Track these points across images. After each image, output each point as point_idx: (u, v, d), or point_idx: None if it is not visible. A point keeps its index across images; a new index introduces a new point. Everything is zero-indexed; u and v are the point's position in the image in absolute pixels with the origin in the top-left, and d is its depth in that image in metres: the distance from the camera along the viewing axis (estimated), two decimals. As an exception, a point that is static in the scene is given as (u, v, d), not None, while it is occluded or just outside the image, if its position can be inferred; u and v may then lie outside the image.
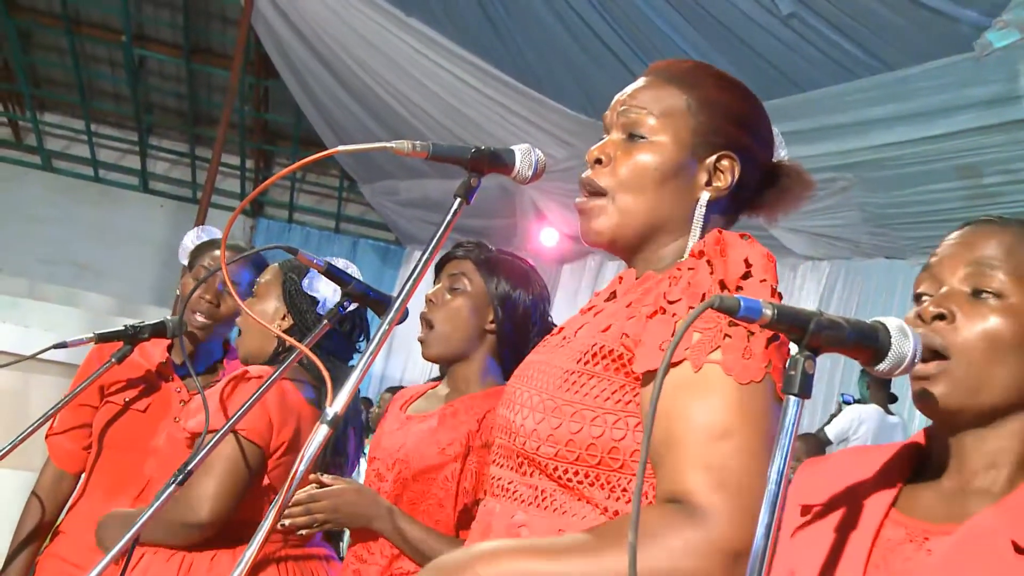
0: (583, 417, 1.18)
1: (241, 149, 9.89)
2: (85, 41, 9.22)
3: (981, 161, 4.95)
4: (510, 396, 1.29)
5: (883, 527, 1.08)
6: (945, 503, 1.08)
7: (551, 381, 1.22)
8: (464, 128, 6.92)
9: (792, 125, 5.03)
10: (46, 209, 9.87)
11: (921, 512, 1.08)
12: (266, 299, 2.28)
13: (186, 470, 1.63)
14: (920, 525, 1.06)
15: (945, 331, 1.09)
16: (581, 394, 1.19)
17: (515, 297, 2.06)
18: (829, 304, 6.52)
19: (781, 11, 4.81)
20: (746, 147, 1.31)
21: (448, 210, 1.30)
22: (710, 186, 1.29)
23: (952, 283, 1.12)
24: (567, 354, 1.25)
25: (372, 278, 9.99)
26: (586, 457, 1.17)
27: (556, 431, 1.18)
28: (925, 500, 1.10)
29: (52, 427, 2.57)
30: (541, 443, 1.19)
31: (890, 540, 1.07)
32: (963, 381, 1.07)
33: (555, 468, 1.19)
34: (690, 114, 1.30)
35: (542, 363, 1.27)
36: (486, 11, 6.05)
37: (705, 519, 1.04)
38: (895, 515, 1.09)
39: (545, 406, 1.21)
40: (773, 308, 0.91)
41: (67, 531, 2.49)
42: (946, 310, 1.09)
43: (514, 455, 1.25)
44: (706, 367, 1.10)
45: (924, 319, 1.10)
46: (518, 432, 1.23)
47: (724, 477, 1.06)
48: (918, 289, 1.16)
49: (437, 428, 1.96)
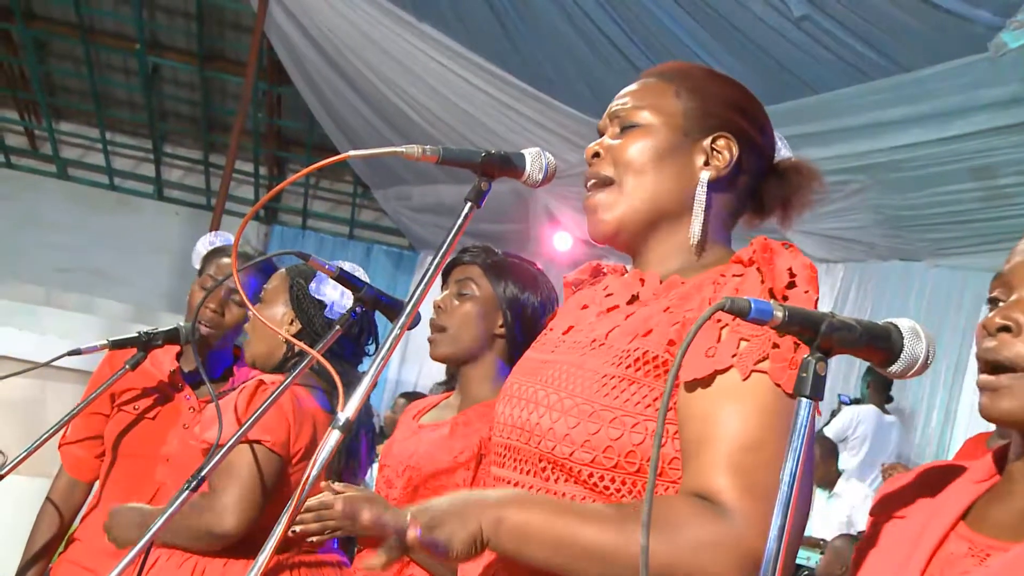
0: (623, 424, 1.17)
1: (255, 156, 9.91)
2: (100, 50, 9.26)
3: (996, 162, 4.92)
4: (522, 395, 1.28)
5: (947, 540, 1.06)
6: (1015, 521, 1.04)
7: (586, 384, 1.21)
8: (477, 133, 6.92)
9: (805, 128, 5.02)
10: (62, 217, 9.91)
11: (990, 527, 1.05)
12: (273, 304, 2.28)
13: (200, 476, 1.63)
14: (986, 541, 1.03)
15: (1011, 344, 1.04)
16: (621, 400, 1.18)
17: (523, 300, 2.06)
18: (844, 307, 6.50)
19: (793, 13, 4.79)
20: (741, 129, 1.32)
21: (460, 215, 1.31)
22: (709, 166, 1.29)
23: (1021, 292, 1.07)
24: (602, 358, 1.23)
25: (386, 284, 10.00)
26: (624, 464, 1.16)
27: (594, 437, 1.17)
28: (996, 516, 1.06)
29: (64, 436, 2.58)
30: (575, 448, 1.18)
31: (951, 555, 1.04)
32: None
33: (590, 474, 1.18)
34: (680, 100, 1.32)
35: (570, 364, 1.26)
36: (498, 15, 6.05)
37: (731, 519, 1.04)
38: (962, 529, 1.06)
39: (581, 410, 1.19)
40: (784, 310, 0.91)
41: (81, 538, 2.50)
42: (1012, 322, 1.05)
43: (535, 458, 1.23)
44: (754, 376, 1.11)
45: (989, 330, 1.06)
46: (544, 435, 1.21)
47: (754, 483, 1.06)
48: (992, 294, 1.12)
49: (449, 436, 1.96)
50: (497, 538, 1.04)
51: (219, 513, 1.97)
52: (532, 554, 1.05)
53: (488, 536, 1.03)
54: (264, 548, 1.19)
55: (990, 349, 1.04)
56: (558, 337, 1.34)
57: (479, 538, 1.03)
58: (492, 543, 1.04)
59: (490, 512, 1.04)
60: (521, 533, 1.05)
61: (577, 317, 1.35)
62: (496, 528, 1.04)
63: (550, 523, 1.05)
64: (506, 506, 1.06)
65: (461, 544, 1.03)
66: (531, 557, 1.06)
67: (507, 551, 1.05)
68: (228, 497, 1.98)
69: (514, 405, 1.29)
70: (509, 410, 1.29)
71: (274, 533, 1.20)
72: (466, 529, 1.03)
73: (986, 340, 1.06)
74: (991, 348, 1.04)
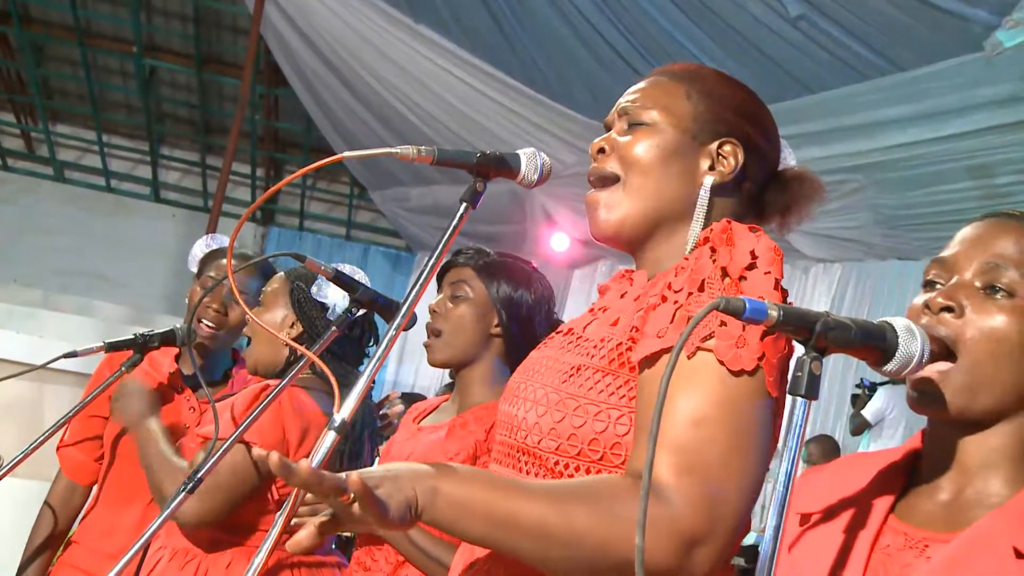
0: (587, 412, 1.17)
1: (252, 158, 9.91)
2: (97, 52, 9.26)
3: (993, 161, 4.93)
4: (514, 392, 1.29)
5: (881, 534, 1.07)
6: (944, 510, 1.07)
7: (556, 376, 1.22)
8: (474, 134, 6.93)
9: (802, 127, 5.02)
10: (59, 220, 9.90)
11: (920, 519, 1.07)
12: (273, 308, 2.27)
13: (197, 476, 1.63)
14: (919, 532, 1.05)
15: (952, 324, 1.07)
16: (585, 388, 1.18)
17: (517, 298, 2.06)
18: (841, 306, 6.50)
19: (790, 13, 4.80)
20: (748, 136, 1.32)
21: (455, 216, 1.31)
22: (713, 171, 1.29)
23: (964, 276, 1.10)
24: (575, 350, 1.24)
25: (383, 285, 9.99)
26: (588, 452, 1.17)
27: (558, 425, 1.18)
28: (924, 507, 1.08)
29: (63, 439, 2.58)
30: (543, 437, 1.19)
31: (889, 547, 1.06)
32: (966, 384, 1.05)
33: (556, 463, 1.18)
34: (689, 102, 1.32)
35: (549, 359, 1.27)
36: (495, 16, 6.05)
37: (667, 498, 1.03)
38: (893, 522, 1.08)
39: (549, 399, 1.20)
40: (779, 309, 0.91)
41: (80, 541, 2.50)
42: (955, 303, 1.07)
43: (515, 450, 1.24)
44: (699, 354, 1.10)
45: (932, 309, 1.08)
46: (519, 426, 1.22)
47: (693, 462, 1.05)
48: (928, 276, 1.14)
49: (446, 438, 1.97)
50: (433, 509, 1.00)
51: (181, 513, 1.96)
52: (467, 528, 1.02)
53: (423, 505, 1.00)
54: (260, 549, 1.19)
55: (932, 326, 1.06)
56: (557, 337, 1.35)
57: (414, 505, 0.99)
58: (427, 514, 1.00)
59: (426, 481, 1.01)
60: (457, 506, 1.01)
61: (580, 319, 1.36)
62: (432, 499, 1.00)
63: (486, 497, 1.02)
64: (443, 478, 1.02)
65: (396, 507, 0.98)
66: (466, 531, 1.02)
67: (442, 523, 1.01)
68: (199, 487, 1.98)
69: (506, 401, 1.30)
70: (506, 407, 1.30)
71: (270, 533, 1.20)
72: (401, 493, 0.99)
73: (924, 318, 1.07)
74: (930, 326, 1.06)
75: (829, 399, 6.58)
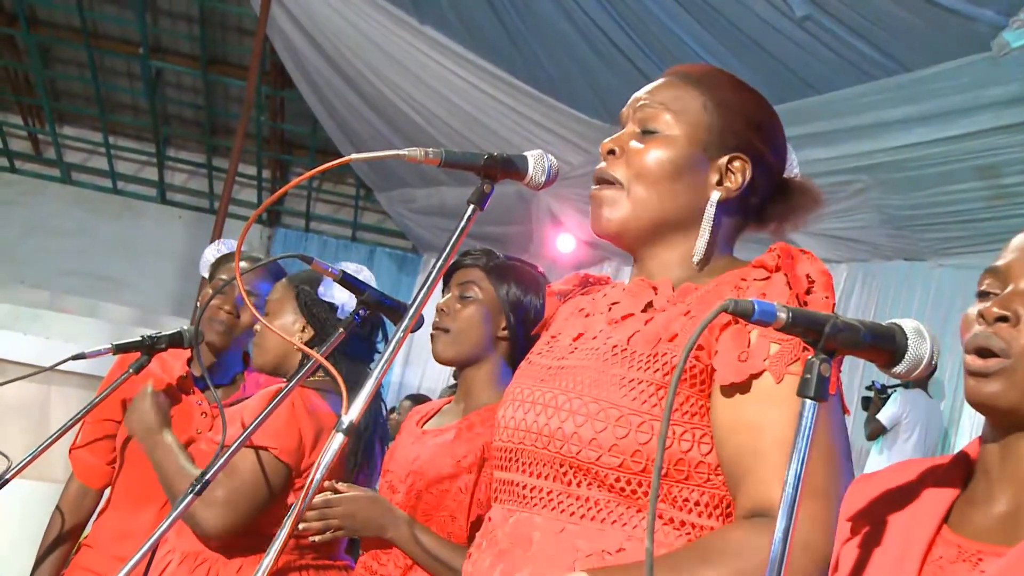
0: (651, 428, 1.17)
1: (258, 159, 9.92)
2: (103, 54, 9.28)
3: (1000, 161, 4.91)
4: (536, 399, 1.27)
5: (934, 545, 1.04)
6: (1001, 523, 1.03)
7: (612, 389, 1.20)
8: (479, 135, 6.92)
9: (808, 128, 5.01)
10: (66, 221, 9.92)
11: (975, 531, 1.04)
12: (281, 315, 2.27)
13: (204, 479, 1.63)
14: (974, 545, 1.02)
15: (1007, 334, 1.03)
16: (649, 404, 1.18)
17: (526, 303, 2.06)
18: (847, 307, 6.48)
19: (795, 13, 4.79)
20: (759, 152, 1.31)
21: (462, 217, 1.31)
22: (721, 186, 1.29)
23: (1019, 284, 1.06)
24: (627, 363, 1.23)
25: (389, 286, 10.00)
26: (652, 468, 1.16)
27: (622, 441, 1.17)
28: (979, 518, 1.05)
29: (75, 442, 2.58)
30: (602, 452, 1.18)
31: (941, 559, 1.03)
32: (1021, 382, 1.02)
33: (617, 478, 1.18)
34: (706, 113, 1.31)
35: (590, 370, 1.25)
36: (500, 17, 6.05)
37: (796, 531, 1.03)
38: (947, 533, 1.05)
39: (608, 415, 1.19)
40: (788, 311, 0.91)
41: (93, 544, 2.50)
42: (1010, 312, 1.04)
43: (555, 463, 1.22)
44: (787, 379, 1.12)
45: (987, 319, 1.05)
46: (567, 440, 1.20)
47: (810, 488, 1.06)
48: (982, 286, 1.11)
49: (453, 441, 1.96)
50: None
51: (207, 506, 1.98)
52: None
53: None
54: (268, 552, 1.19)
55: (986, 336, 1.04)
56: (568, 344, 1.33)
57: None
58: None
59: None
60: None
61: (584, 324, 1.35)
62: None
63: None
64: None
65: None
66: None
67: None
68: (219, 494, 1.99)
69: (526, 410, 1.28)
70: (521, 414, 1.28)
71: (278, 536, 1.20)
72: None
73: (978, 327, 1.05)
74: (986, 335, 1.04)
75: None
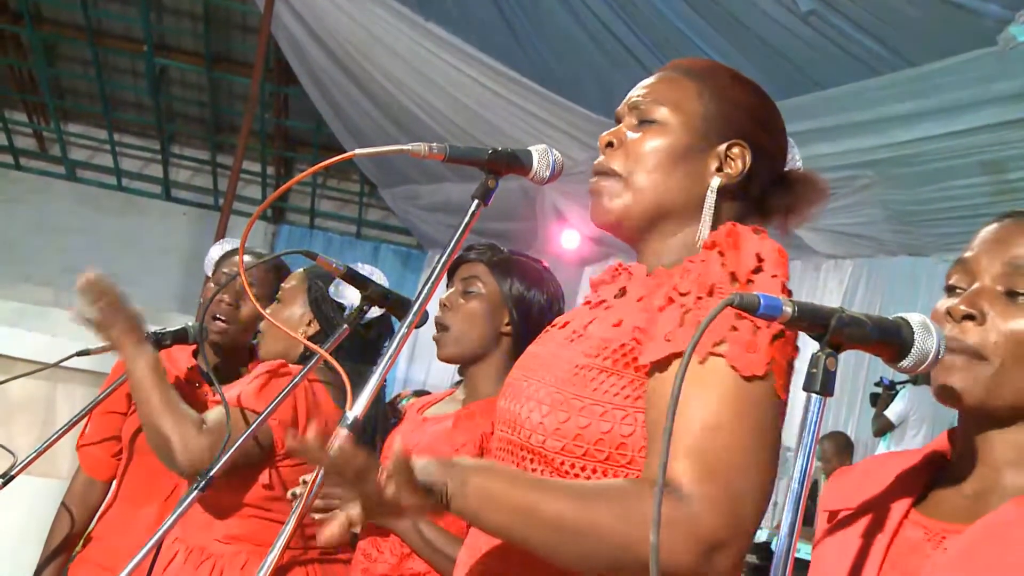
0: (592, 412, 1.17)
1: (262, 156, 9.93)
2: (107, 52, 9.29)
3: (1005, 156, 4.90)
4: (515, 388, 1.29)
5: (902, 528, 1.07)
6: (969, 503, 1.06)
7: (560, 375, 1.22)
8: (484, 131, 6.92)
9: (813, 123, 5.00)
10: (70, 219, 9.94)
11: (943, 513, 1.07)
12: (291, 304, 2.28)
13: (208, 475, 1.64)
14: (940, 525, 1.05)
15: (975, 332, 1.06)
16: (590, 388, 1.19)
17: (529, 298, 2.05)
18: (852, 302, 6.47)
19: (800, 9, 4.79)
20: (758, 139, 1.31)
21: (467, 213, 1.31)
22: (721, 172, 1.29)
23: (985, 280, 1.09)
24: (578, 348, 1.24)
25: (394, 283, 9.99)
26: (594, 452, 1.17)
27: (564, 425, 1.18)
28: (949, 502, 1.08)
29: (83, 437, 2.59)
30: (547, 436, 1.19)
31: (908, 540, 1.06)
32: (989, 379, 1.04)
33: (562, 463, 1.18)
34: (701, 102, 1.31)
35: (550, 356, 1.27)
36: (504, 14, 6.05)
37: (687, 502, 1.04)
38: (915, 516, 1.08)
39: (553, 399, 1.20)
40: (794, 305, 0.91)
41: (99, 537, 2.51)
42: (977, 311, 1.06)
43: (519, 448, 1.24)
44: (710, 359, 1.10)
45: (953, 317, 1.07)
46: (523, 425, 1.22)
47: (711, 467, 1.05)
48: (950, 281, 1.13)
49: (452, 429, 1.96)
50: (462, 498, 1.04)
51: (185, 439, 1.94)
52: (492, 518, 1.06)
53: (452, 493, 1.04)
54: (274, 545, 1.20)
55: (955, 338, 1.06)
56: (554, 332, 1.35)
57: (444, 492, 1.03)
58: (455, 502, 1.04)
59: (457, 472, 1.05)
60: (484, 496, 1.05)
61: (576, 313, 1.36)
62: (461, 488, 1.04)
63: (512, 491, 1.05)
64: (473, 471, 1.06)
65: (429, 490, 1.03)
66: (490, 522, 1.06)
67: (468, 513, 1.05)
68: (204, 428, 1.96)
69: (509, 398, 1.29)
70: (504, 403, 1.30)
71: (283, 531, 1.20)
72: (432, 478, 1.03)
73: (948, 327, 1.07)
74: (955, 336, 1.06)
75: (841, 396, 6.56)
